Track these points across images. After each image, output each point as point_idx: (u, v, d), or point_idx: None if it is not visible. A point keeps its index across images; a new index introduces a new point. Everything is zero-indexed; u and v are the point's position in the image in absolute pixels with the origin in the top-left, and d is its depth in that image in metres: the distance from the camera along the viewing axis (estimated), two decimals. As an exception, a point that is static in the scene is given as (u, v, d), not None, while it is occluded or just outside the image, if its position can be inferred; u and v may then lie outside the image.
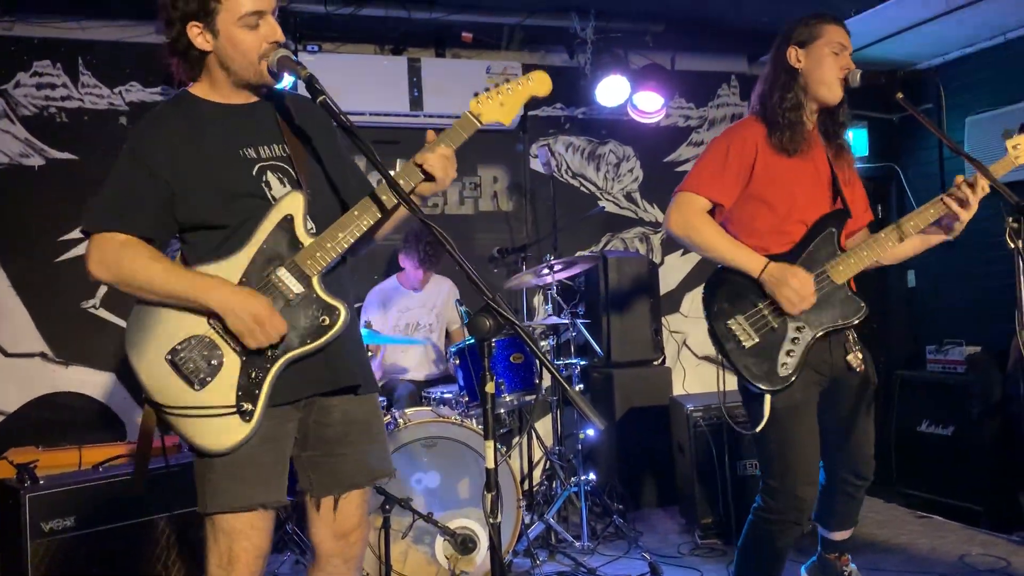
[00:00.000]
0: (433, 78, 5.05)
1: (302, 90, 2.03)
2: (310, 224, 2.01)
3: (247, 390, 1.94)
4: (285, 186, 2.04)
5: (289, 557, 3.98)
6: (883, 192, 6.33)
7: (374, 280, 4.86)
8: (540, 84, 2.19)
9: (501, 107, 2.14)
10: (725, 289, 2.59)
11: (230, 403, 1.92)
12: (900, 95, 2.59)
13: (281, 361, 1.97)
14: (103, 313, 4.66)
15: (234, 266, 1.97)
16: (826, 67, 2.57)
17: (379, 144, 4.99)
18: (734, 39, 5.61)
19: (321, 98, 1.90)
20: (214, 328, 1.94)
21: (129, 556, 3.32)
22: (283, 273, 1.98)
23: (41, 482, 3.24)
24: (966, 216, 2.63)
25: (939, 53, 5.71)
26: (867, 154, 6.20)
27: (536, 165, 5.47)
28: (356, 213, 2.01)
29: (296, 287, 1.98)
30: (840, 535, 2.91)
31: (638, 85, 5.22)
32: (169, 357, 1.91)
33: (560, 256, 4.78)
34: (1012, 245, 2.39)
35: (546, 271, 4.30)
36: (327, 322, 2.00)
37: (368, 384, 2.17)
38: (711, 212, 2.64)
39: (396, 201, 2.00)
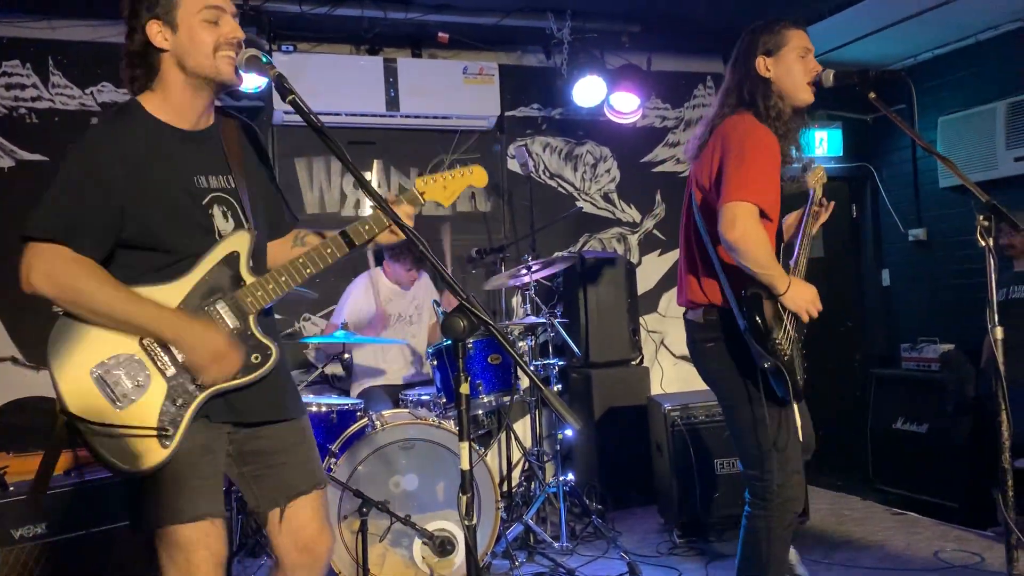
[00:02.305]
0: (409, 78, 5.03)
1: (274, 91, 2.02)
2: (252, 263, 2.04)
3: (171, 417, 1.91)
4: (228, 220, 2.04)
5: (266, 562, 3.95)
6: (858, 191, 6.38)
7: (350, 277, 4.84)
8: (478, 178, 2.33)
9: (443, 190, 2.27)
10: (759, 308, 2.54)
11: (151, 425, 1.88)
12: (873, 95, 2.62)
13: (207, 392, 1.95)
14: (75, 316, 4.59)
15: (174, 292, 1.95)
16: (796, 73, 2.61)
17: (355, 145, 5.05)
18: (710, 39, 5.63)
19: (290, 97, 1.88)
20: (145, 349, 1.91)
21: (101, 563, 3.27)
22: (222, 307, 1.99)
23: (11, 488, 3.19)
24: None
25: (911, 54, 5.77)
26: (841, 154, 6.26)
27: (513, 166, 5.46)
28: (302, 261, 2.06)
29: (232, 322, 1.99)
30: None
31: (615, 85, 5.23)
32: (96, 372, 1.87)
33: (538, 256, 4.78)
34: (983, 243, 2.41)
35: (524, 271, 4.30)
36: (258, 360, 2.02)
37: (295, 411, 2.18)
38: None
39: (355, 244, 2.11)
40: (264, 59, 1.98)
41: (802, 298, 2.52)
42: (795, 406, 2.58)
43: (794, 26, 2.65)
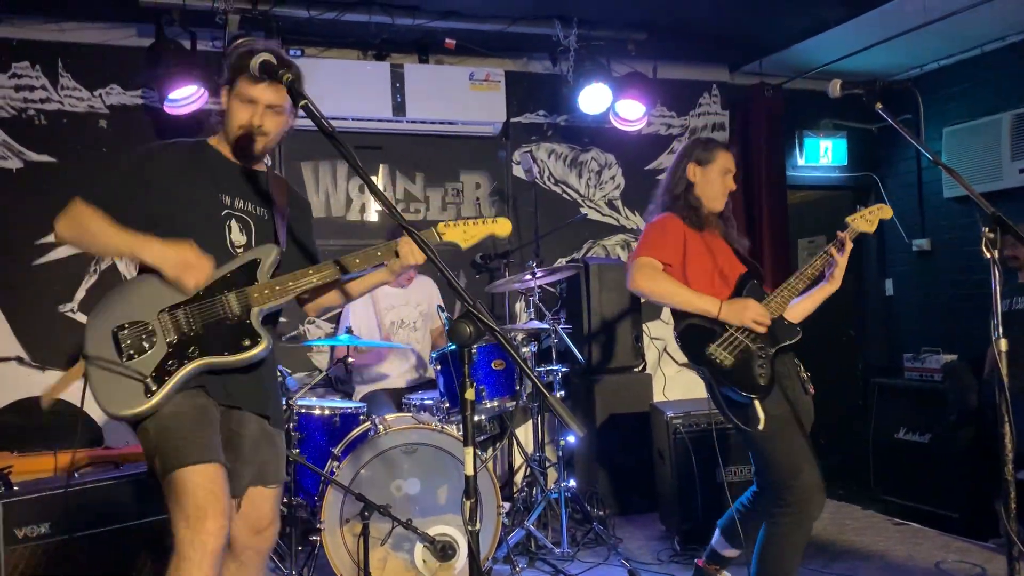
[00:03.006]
0: (416, 84, 5.05)
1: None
2: (270, 272, 2.36)
3: (160, 374, 2.21)
4: (242, 235, 2.40)
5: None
6: (863, 201, 6.36)
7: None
8: (501, 228, 2.52)
9: (463, 233, 2.49)
10: (694, 331, 2.98)
11: (144, 373, 2.20)
12: (879, 105, 2.64)
13: (197, 362, 2.24)
14: (80, 317, 4.61)
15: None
16: (716, 186, 3.12)
17: (361, 150, 5.07)
18: (716, 48, 5.65)
19: (303, 102, 1.91)
20: (160, 321, 2.25)
21: (105, 563, 3.28)
22: (231, 296, 2.30)
23: (15, 488, 3.20)
24: (843, 263, 2.98)
25: (918, 64, 5.78)
26: (846, 163, 6.27)
27: (518, 172, 5.47)
28: (311, 270, 2.37)
29: (236, 310, 2.30)
30: (734, 552, 3.24)
31: (620, 93, 5.24)
32: (114, 330, 2.23)
33: (542, 262, 4.79)
34: (988, 255, 2.41)
35: (528, 277, 4.31)
36: (247, 344, 2.29)
37: (276, 416, 2.48)
38: None
39: (360, 267, 2.42)
40: (276, 64, 2.03)
41: (737, 315, 2.90)
42: (756, 403, 2.84)
43: (725, 149, 3.19)
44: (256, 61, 2.13)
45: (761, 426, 2.82)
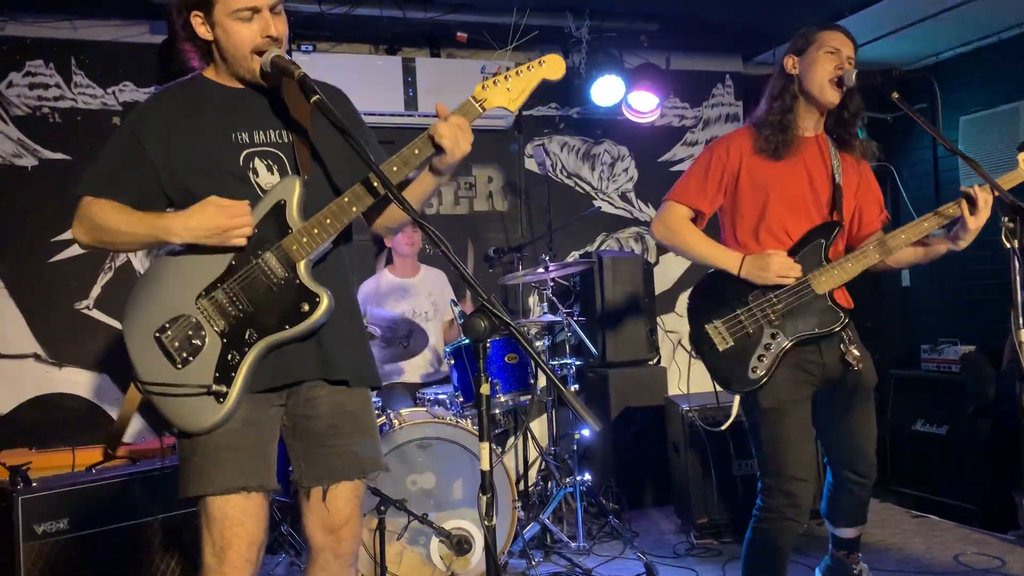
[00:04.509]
0: (428, 78, 5.04)
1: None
2: (302, 211, 1.99)
3: (224, 372, 1.96)
4: (273, 173, 2.05)
5: (284, 558, 3.97)
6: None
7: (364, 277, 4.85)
8: (552, 68, 2.07)
9: (508, 92, 2.10)
10: (709, 295, 2.70)
11: (207, 383, 1.95)
12: (895, 94, 2.62)
13: (260, 345, 1.97)
14: (96, 314, 4.64)
15: (225, 251, 1.99)
16: (817, 69, 2.61)
17: (374, 144, 5.05)
18: (729, 39, 5.61)
19: (315, 98, 1.89)
20: (200, 309, 1.98)
21: (123, 558, 3.30)
22: (269, 257, 1.98)
23: (34, 484, 3.23)
24: (973, 227, 2.61)
25: (934, 52, 5.72)
26: (862, 153, 6.20)
27: (531, 165, 5.46)
28: (347, 200, 1.99)
29: (280, 272, 1.98)
30: (848, 532, 2.94)
31: (633, 85, 5.21)
32: (156, 334, 1.97)
33: (555, 256, 4.77)
34: (1008, 245, 2.40)
35: (541, 271, 4.30)
36: (306, 308, 1.97)
37: (361, 378, 2.15)
38: (695, 221, 2.77)
39: (402, 176, 2.01)
40: (289, 59, 2.00)
41: (759, 271, 2.57)
42: (736, 400, 2.61)
43: (829, 28, 2.67)
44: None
45: (724, 427, 2.63)
